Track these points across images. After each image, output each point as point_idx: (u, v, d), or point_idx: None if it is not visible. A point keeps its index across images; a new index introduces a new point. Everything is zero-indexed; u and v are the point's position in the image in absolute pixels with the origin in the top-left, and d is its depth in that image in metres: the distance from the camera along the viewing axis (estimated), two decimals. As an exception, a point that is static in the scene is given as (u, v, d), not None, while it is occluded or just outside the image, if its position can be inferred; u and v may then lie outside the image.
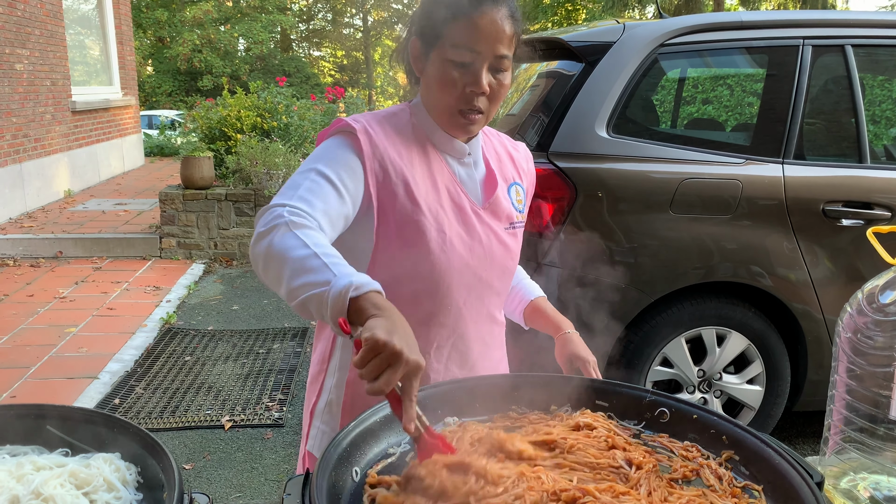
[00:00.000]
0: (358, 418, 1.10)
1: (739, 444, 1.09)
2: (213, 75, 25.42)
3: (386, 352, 0.88)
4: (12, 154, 7.00)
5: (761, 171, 2.87)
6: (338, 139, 1.28)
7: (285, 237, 1.08)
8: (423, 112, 1.34)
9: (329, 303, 0.98)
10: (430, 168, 1.32)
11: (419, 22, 1.30)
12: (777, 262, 2.87)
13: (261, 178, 6.30)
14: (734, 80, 4.46)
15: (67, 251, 6.33)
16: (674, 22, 2.97)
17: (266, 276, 1.12)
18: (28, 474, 1.01)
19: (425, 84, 1.31)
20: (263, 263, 1.11)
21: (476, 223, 1.35)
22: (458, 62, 1.23)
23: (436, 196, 1.31)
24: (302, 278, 1.03)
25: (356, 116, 1.31)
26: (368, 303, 0.97)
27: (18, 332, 4.46)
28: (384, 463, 1.09)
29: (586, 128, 2.85)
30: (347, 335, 0.97)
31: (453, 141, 1.35)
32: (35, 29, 7.65)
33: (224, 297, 5.49)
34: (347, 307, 0.97)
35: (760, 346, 2.99)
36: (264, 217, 1.13)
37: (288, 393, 3.79)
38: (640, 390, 1.25)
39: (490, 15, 1.21)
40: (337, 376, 1.41)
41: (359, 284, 0.98)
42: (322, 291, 1.00)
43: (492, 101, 1.28)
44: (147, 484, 1.03)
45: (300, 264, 1.04)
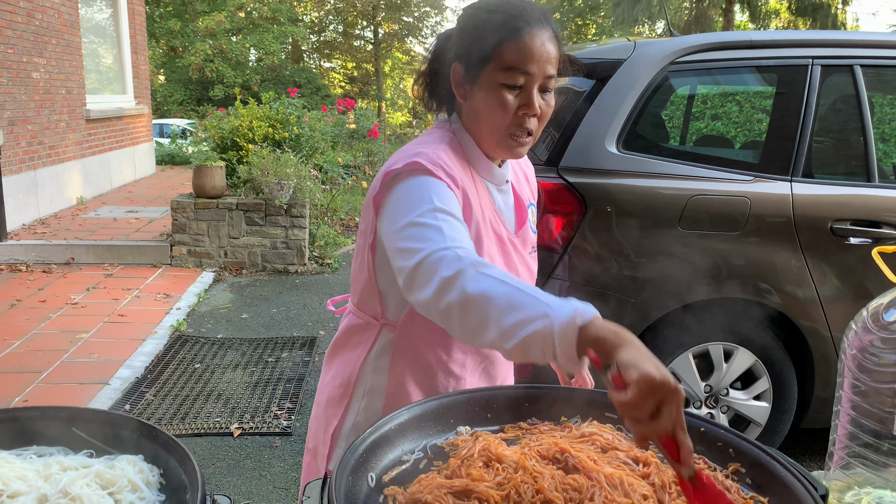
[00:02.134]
0: (374, 425, 1.13)
1: (745, 456, 1.11)
2: (225, 85, 25.62)
3: (663, 389, 0.80)
4: (27, 161, 7.08)
5: (770, 188, 2.90)
6: (423, 178, 1.21)
7: (477, 280, 0.99)
8: (467, 138, 1.32)
9: (556, 337, 0.90)
10: (479, 197, 1.32)
11: (461, 47, 1.28)
12: (785, 279, 2.89)
13: (272, 188, 6.36)
14: (743, 99, 4.50)
15: (79, 258, 6.39)
16: (684, 41, 3.01)
17: (465, 323, 1.02)
18: (55, 474, 1.05)
19: (470, 108, 1.29)
20: (461, 309, 1.01)
21: (512, 252, 1.37)
22: (511, 85, 1.22)
23: (484, 226, 1.31)
24: (513, 317, 0.94)
25: (425, 154, 1.24)
26: (605, 331, 0.88)
27: (31, 337, 4.51)
28: (398, 469, 1.12)
29: (596, 143, 2.89)
30: (599, 368, 0.88)
31: (493, 168, 1.34)
32: (52, 38, 7.76)
33: (233, 305, 5.54)
34: (577, 337, 0.89)
35: (767, 362, 3.00)
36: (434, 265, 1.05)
37: (296, 402, 3.82)
38: (648, 403, 1.27)
39: (539, 37, 1.22)
40: (366, 401, 1.41)
41: (583, 311, 0.90)
42: (544, 326, 0.91)
43: (541, 121, 1.28)
44: (169, 485, 1.06)
45: (507, 303, 0.95)
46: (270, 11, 27.75)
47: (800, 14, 18.69)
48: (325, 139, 8.40)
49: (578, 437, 1.21)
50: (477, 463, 1.09)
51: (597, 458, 1.12)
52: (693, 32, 11.93)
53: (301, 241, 6.57)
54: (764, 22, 20.45)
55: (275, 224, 6.51)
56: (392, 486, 1.06)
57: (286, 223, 6.52)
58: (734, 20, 20.35)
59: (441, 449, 1.18)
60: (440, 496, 1.00)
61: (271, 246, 6.55)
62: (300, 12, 32.01)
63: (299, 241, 6.57)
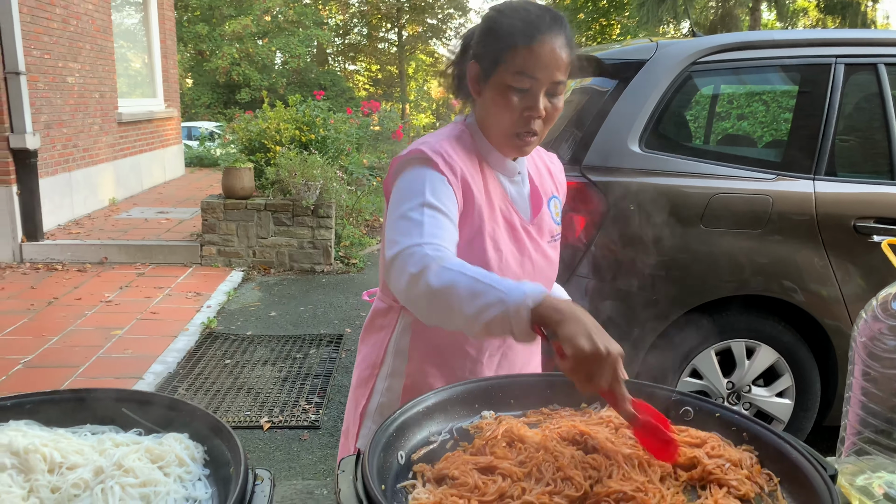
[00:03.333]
0: (403, 407, 1.20)
1: (758, 439, 1.16)
2: (251, 88, 25.95)
3: (594, 358, 0.97)
4: (62, 163, 7.28)
5: (792, 186, 2.92)
6: (423, 169, 1.31)
7: (440, 273, 1.13)
8: (479, 133, 1.41)
9: (511, 318, 1.05)
10: (488, 187, 1.39)
11: (478, 47, 1.36)
12: (807, 277, 2.91)
13: (299, 189, 6.47)
14: (766, 98, 4.50)
15: (112, 257, 6.56)
16: (706, 41, 3.04)
17: (432, 315, 1.18)
18: (109, 449, 1.13)
19: (482, 106, 1.38)
20: (427, 304, 1.16)
21: (525, 239, 1.43)
22: (517, 87, 1.29)
23: (492, 215, 1.38)
24: (474, 305, 1.08)
25: (431, 143, 1.35)
26: (548, 308, 1.03)
27: (68, 333, 4.66)
28: (426, 449, 1.18)
29: (619, 143, 2.93)
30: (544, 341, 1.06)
31: (505, 161, 1.42)
32: (86, 44, 7.96)
33: (262, 303, 5.65)
34: (530, 317, 1.04)
35: (790, 359, 3.02)
36: (405, 259, 1.18)
37: (324, 396, 3.91)
38: (665, 389, 1.32)
39: (549, 44, 1.28)
40: (389, 381, 1.49)
41: (532, 294, 1.04)
42: (501, 311, 1.05)
43: (546, 123, 1.35)
44: (213, 461, 1.13)
45: (467, 293, 1.09)
46: (296, 15, 28.05)
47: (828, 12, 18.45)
48: (350, 141, 8.51)
49: (597, 420, 1.26)
50: (500, 443, 1.15)
51: (615, 440, 1.18)
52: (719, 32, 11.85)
53: (327, 241, 6.68)
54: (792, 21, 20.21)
55: (302, 224, 6.62)
56: (420, 463, 1.13)
57: (313, 223, 6.62)
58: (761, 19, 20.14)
59: (466, 431, 1.24)
60: (466, 471, 1.06)
61: (298, 246, 6.66)
62: (325, 16, 32.29)
63: (326, 242, 6.67)
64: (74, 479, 1.04)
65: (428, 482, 1.08)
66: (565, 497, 0.98)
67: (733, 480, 1.04)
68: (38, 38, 6.81)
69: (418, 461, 1.14)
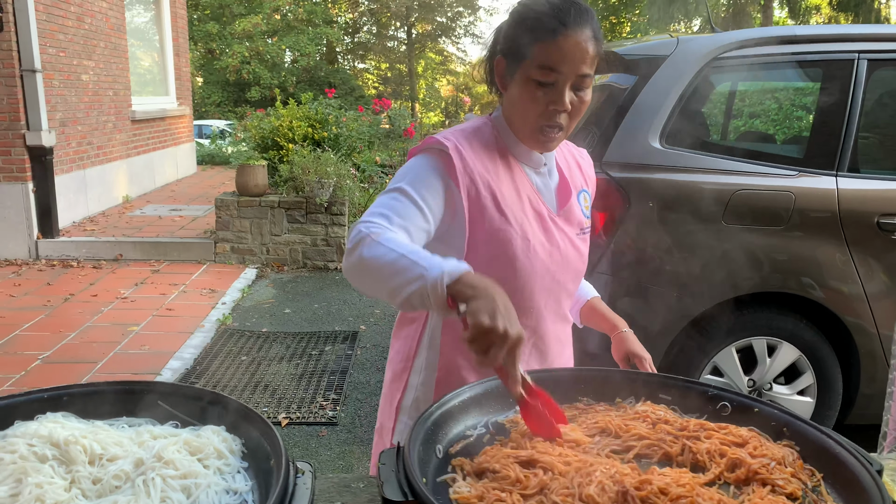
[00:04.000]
0: (440, 401, 1.20)
1: (800, 435, 1.15)
2: (261, 87, 26.00)
3: (491, 333, 1.01)
4: (77, 161, 7.32)
5: (815, 183, 2.90)
6: (425, 158, 1.36)
7: (371, 247, 1.19)
8: (504, 126, 1.42)
9: (429, 293, 1.10)
10: (513, 179, 1.40)
11: (505, 41, 1.37)
12: (830, 274, 2.89)
13: (312, 186, 6.47)
14: (787, 94, 4.47)
15: (127, 254, 6.59)
16: (727, 36, 3.02)
17: (363, 286, 1.25)
18: (147, 441, 1.13)
19: (508, 99, 1.38)
20: (358, 275, 1.23)
21: (554, 230, 1.43)
22: (542, 81, 1.29)
23: (520, 205, 1.39)
24: (398, 279, 1.14)
25: (446, 134, 1.39)
26: (464, 285, 1.08)
27: (85, 329, 4.68)
28: (462, 443, 1.18)
29: (640, 138, 2.92)
30: (457, 313, 1.09)
31: (531, 153, 1.42)
32: (100, 42, 8.00)
33: (276, 300, 5.66)
34: (446, 293, 1.09)
35: (812, 357, 3.00)
36: (350, 235, 1.26)
37: (341, 393, 3.91)
38: (702, 385, 1.31)
39: (575, 37, 1.28)
40: (423, 374, 1.49)
41: (450, 271, 1.09)
42: (420, 285, 1.11)
43: (572, 117, 1.35)
44: (251, 454, 1.13)
45: (392, 267, 1.15)
46: (306, 13, 28.07)
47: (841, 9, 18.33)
48: (361, 139, 8.52)
49: (632, 415, 1.26)
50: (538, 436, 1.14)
51: (650, 435, 1.17)
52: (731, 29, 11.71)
53: (340, 238, 6.68)
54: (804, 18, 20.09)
55: (315, 222, 6.63)
56: (459, 457, 1.12)
57: (326, 221, 6.63)
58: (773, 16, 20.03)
59: (502, 425, 1.24)
60: (507, 464, 1.05)
61: (312, 243, 6.67)
62: (335, 14, 32.31)
63: (339, 239, 6.68)
64: (115, 471, 1.04)
65: (468, 476, 1.07)
66: (611, 491, 0.97)
67: (779, 480, 1.03)
68: (54, 36, 6.85)
69: (456, 455, 1.14)
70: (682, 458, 1.11)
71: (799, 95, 3.81)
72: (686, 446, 1.12)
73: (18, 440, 1.08)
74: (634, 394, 1.33)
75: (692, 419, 1.21)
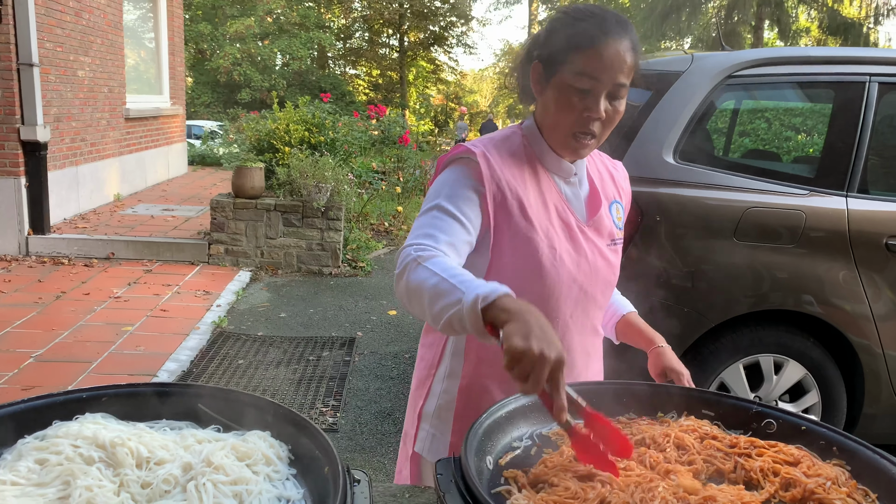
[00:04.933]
0: (487, 412, 1.18)
1: (851, 455, 1.14)
2: (252, 89, 25.90)
3: (526, 357, 0.95)
4: (70, 157, 7.23)
5: (825, 203, 2.92)
6: (457, 169, 1.37)
7: (417, 271, 1.19)
8: (536, 134, 1.42)
9: (466, 318, 1.07)
10: (541, 187, 1.40)
11: (542, 47, 1.37)
12: (838, 294, 2.91)
13: (310, 190, 6.44)
14: (799, 113, 4.52)
15: (119, 253, 6.51)
16: (742, 55, 3.05)
17: (412, 310, 1.24)
18: (193, 445, 1.10)
19: (542, 105, 1.39)
20: (407, 299, 1.23)
21: (582, 240, 1.43)
22: (579, 88, 1.30)
23: (546, 214, 1.39)
24: (439, 303, 1.13)
25: (475, 142, 1.40)
26: (498, 309, 1.04)
27: (78, 328, 4.61)
28: (511, 455, 1.16)
29: (653, 153, 2.93)
30: (497, 340, 1.04)
31: (561, 162, 1.42)
32: (97, 38, 7.92)
33: (271, 304, 5.61)
34: (482, 317, 1.06)
35: (818, 376, 3.01)
36: (397, 259, 1.26)
37: (340, 399, 3.87)
38: (746, 401, 1.31)
39: (614, 46, 1.29)
40: (446, 383, 1.48)
41: (485, 294, 1.06)
42: (457, 310, 1.09)
43: (606, 126, 1.35)
44: (299, 461, 1.11)
45: (433, 291, 1.15)
46: (299, 17, 28.04)
47: (831, 33, 18.63)
48: (357, 144, 8.49)
49: (679, 428, 1.25)
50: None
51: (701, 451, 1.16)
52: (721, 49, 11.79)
53: (336, 243, 6.65)
54: (793, 40, 20.38)
55: (311, 226, 6.59)
56: (511, 469, 1.11)
57: (322, 225, 6.60)
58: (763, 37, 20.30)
59: (548, 438, 1.23)
60: (565, 478, 1.04)
61: (307, 247, 6.63)
62: (328, 19, 32.30)
63: (334, 244, 6.65)
64: (164, 475, 1.01)
65: (523, 488, 1.06)
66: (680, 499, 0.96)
67: (836, 500, 1.02)
68: (52, 31, 6.77)
69: (506, 466, 1.13)
70: (735, 475, 1.11)
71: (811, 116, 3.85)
72: (738, 463, 1.12)
73: (62, 441, 1.05)
74: (676, 408, 1.33)
75: (741, 436, 1.21)
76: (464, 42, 35.42)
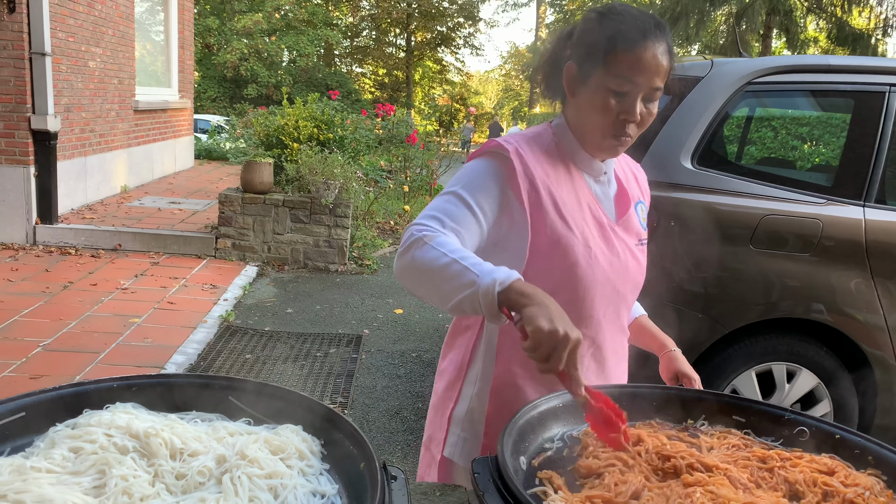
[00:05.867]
0: (519, 413, 1.18)
1: (887, 464, 1.13)
2: (258, 84, 25.89)
3: (552, 338, 1.03)
4: (79, 147, 7.22)
5: (842, 212, 2.91)
6: (484, 162, 1.36)
7: (423, 250, 1.20)
8: (567, 133, 1.41)
9: (481, 300, 1.11)
10: (574, 186, 1.39)
11: (578, 48, 1.36)
12: (853, 304, 2.90)
13: (318, 187, 6.43)
14: (818, 122, 4.51)
15: (126, 244, 6.50)
16: (762, 62, 3.04)
17: (414, 288, 1.26)
18: (225, 438, 1.09)
19: (576, 106, 1.37)
20: (410, 277, 1.24)
21: (614, 239, 1.42)
22: (617, 91, 1.29)
23: (580, 213, 1.38)
24: (449, 284, 1.16)
25: (507, 138, 1.38)
26: (516, 293, 1.09)
27: (85, 319, 4.60)
28: (543, 456, 1.16)
29: (671, 158, 2.92)
30: (512, 322, 1.12)
31: (592, 161, 1.42)
32: (109, 29, 7.92)
33: (278, 299, 5.61)
34: (497, 300, 1.10)
35: (830, 385, 3.00)
36: (403, 237, 1.26)
37: (348, 397, 3.87)
38: (777, 408, 1.30)
39: (652, 50, 1.28)
40: (478, 385, 1.45)
41: (502, 279, 1.11)
42: (471, 292, 1.12)
43: (640, 127, 1.35)
44: (331, 455, 1.10)
45: (443, 272, 1.16)
46: (307, 14, 28.05)
47: (839, 43, 18.60)
48: (366, 142, 8.49)
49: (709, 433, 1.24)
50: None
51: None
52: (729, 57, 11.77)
53: (343, 240, 6.64)
54: (801, 50, 20.36)
55: (318, 223, 6.58)
56: (546, 470, 1.10)
57: (330, 222, 6.59)
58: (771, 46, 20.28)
59: (577, 439, 1.22)
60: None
61: (314, 244, 6.62)
62: (336, 16, 32.31)
63: (341, 241, 6.64)
64: (199, 467, 1.01)
65: (559, 489, 1.05)
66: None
67: None
68: (64, 21, 6.77)
69: (540, 467, 1.12)
70: (774, 484, 1.10)
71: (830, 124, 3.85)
72: (778, 473, 1.11)
73: (95, 429, 1.04)
74: (707, 415, 1.32)
75: (777, 448, 1.20)
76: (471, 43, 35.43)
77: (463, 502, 1.13)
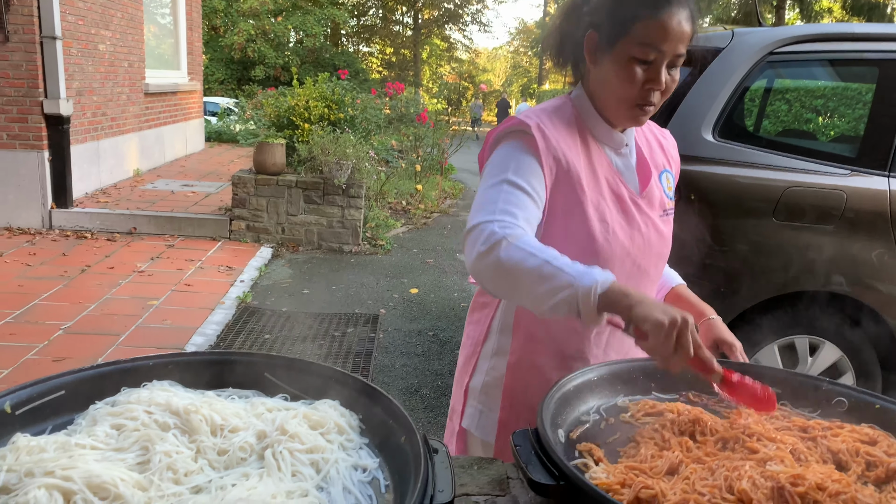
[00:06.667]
0: (556, 385, 1.17)
1: (929, 434, 1.12)
2: (266, 66, 25.79)
3: (673, 328, 1.02)
4: (91, 131, 7.23)
5: (867, 183, 2.87)
6: (514, 143, 1.33)
7: (510, 250, 1.16)
8: (586, 104, 1.39)
9: (580, 303, 1.09)
10: (591, 159, 1.37)
11: (598, 16, 1.33)
12: (878, 276, 2.86)
13: (331, 167, 6.42)
14: (841, 91, 4.44)
15: (141, 227, 6.53)
16: (784, 31, 2.98)
17: (498, 289, 1.22)
18: (264, 413, 1.09)
19: (598, 76, 1.34)
20: (495, 279, 1.19)
21: (634, 212, 1.40)
22: (642, 59, 1.27)
23: (597, 187, 1.36)
24: (543, 286, 1.12)
25: (527, 114, 1.36)
26: (619, 294, 1.08)
27: (104, 302, 4.63)
28: (581, 429, 1.15)
29: (693, 130, 2.89)
30: (621, 329, 1.12)
31: (612, 132, 1.39)
32: (118, 11, 7.89)
33: (293, 280, 5.62)
34: (598, 302, 1.08)
35: (853, 359, 2.99)
36: (476, 236, 1.20)
37: (367, 376, 3.88)
38: (815, 378, 1.29)
39: (677, 16, 1.25)
40: (493, 360, 1.47)
41: (602, 281, 1.09)
42: (569, 295, 1.10)
43: (664, 95, 1.32)
44: (370, 430, 1.10)
45: (536, 274, 1.13)
46: (313, -6, 27.84)
47: (854, 13, 18.30)
48: (376, 122, 8.45)
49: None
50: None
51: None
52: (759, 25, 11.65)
53: (356, 221, 6.64)
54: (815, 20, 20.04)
55: (332, 203, 6.58)
56: (585, 442, 1.09)
57: (343, 203, 6.58)
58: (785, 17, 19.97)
59: (614, 410, 1.21)
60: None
61: (327, 224, 6.62)
62: (342, -4, 32.05)
63: (355, 222, 6.63)
64: (240, 443, 1.01)
65: (599, 461, 1.04)
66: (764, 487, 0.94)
67: None
68: (73, 4, 6.74)
69: (578, 440, 1.11)
70: (818, 455, 1.09)
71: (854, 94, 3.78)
72: (822, 444, 1.10)
73: (136, 406, 1.05)
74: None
75: (815, 419, 1.19)
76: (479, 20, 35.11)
77: (501, 475, 1.13)
